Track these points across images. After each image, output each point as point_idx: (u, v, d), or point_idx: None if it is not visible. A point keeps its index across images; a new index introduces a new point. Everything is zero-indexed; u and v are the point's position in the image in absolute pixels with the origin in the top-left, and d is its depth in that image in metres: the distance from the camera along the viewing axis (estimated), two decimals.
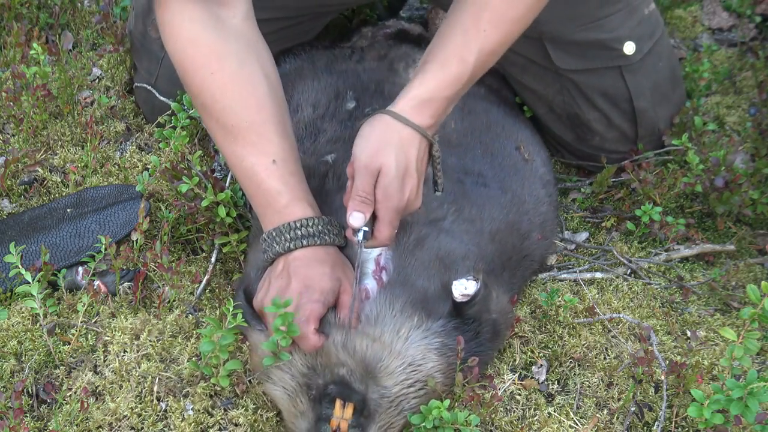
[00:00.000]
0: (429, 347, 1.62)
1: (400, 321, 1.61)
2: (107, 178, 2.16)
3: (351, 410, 1.52)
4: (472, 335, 1.68)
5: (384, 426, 1.57)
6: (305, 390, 1.58)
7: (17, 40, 2.40)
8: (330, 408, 1.52)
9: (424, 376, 1.60)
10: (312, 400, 1.56)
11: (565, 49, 2.10)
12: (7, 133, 2.28)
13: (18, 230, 1.99)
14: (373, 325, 1.61)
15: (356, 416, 1.52)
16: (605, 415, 1.72)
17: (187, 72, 1.70)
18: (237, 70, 1.69)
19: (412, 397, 1.59)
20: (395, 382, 1.58)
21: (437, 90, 1.61)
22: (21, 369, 1.73)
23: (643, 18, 2.12)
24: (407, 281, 1.67)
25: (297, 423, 1.59)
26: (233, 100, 1.68)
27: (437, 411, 1.55)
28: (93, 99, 2.37)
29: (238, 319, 1.58)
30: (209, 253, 2.01)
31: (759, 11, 2.80)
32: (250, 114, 1.68)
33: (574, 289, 2.01)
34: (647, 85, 2.16)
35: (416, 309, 1.63)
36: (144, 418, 1.65)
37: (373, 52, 2.21)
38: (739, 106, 2.51)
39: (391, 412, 1.57)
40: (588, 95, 2.15)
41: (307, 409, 1.57)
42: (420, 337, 1.62)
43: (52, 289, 1.89)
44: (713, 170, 2.13)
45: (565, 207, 2.25)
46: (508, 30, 1.63)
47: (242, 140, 1.68)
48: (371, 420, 1.55)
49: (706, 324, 1.93)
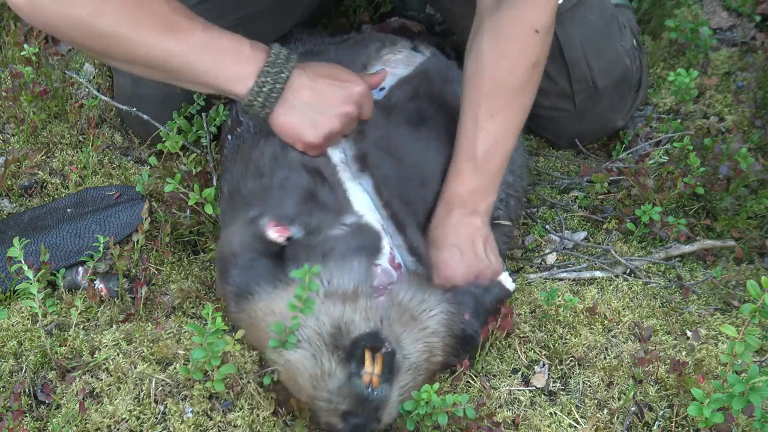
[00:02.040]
0: (442, 319, 1.70)
1: (426, 291, 1.70)
2: (107, 179, 2.16)
3: (380, 364, 1.52)
4: (472, 310, 1.76)
5: (404, 387, 1.59)
6: (333, 350, 1.56)
7: (15, 39, 2.40)
8: (360, 365, 1.52)
9: (433, 348, 1.66)
10: (340, 359, 1.55)
11: None
12: (7, 133, 2.28)
13: (18, 230, 1.99)
14: (404, 291, 1.68)
15: (385, 370, 1.53)
16: (605, 414, 1.71)
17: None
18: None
19: (423, 368, 1.64)
20: (416, 350, 1.63)
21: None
22: (20, 369, 1.73)
23: None
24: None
25: (323, 384, 1.55)
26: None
27: (427, 395, 1.56)
28: (88, 97, 2.36)
29: (218, 322, 1.56)
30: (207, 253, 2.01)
31: (759, 11, 2.80)
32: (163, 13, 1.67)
33: (574, 288, 2.01)
34: (577, 37, 2.17)
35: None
36: (143, 420, 1.65)
37: (358, 38, 2.22)
38: (739, 105, 2.51)
39: (409, 375, 1.60)
40: None
41: (336, 369, 1.55)
42: (438, 310, 1.69)
43: (52, 289, 1.89)
44: (717, 158, 2.13)
45: (565, 206, 2.24)
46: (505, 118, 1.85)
47: (175, 31, 1.66)
48: (395, 377, 1.56)
49: (706, 323, 1.93)
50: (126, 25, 1.64)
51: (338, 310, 1.59)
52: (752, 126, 2.41)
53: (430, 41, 2.30)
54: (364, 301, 1.61)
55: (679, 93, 2.37)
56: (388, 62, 2.11)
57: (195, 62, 1.68)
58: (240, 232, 1.73)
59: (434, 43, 2.30)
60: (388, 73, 1.99)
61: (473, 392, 1.75)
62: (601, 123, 2.32)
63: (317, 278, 1.60)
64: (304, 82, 1.72)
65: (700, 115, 2.51)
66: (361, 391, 1.50)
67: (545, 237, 2.16)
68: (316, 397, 1.56)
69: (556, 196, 2.29)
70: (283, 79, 1.69)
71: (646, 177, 2.14)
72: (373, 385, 1.50)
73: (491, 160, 1.85)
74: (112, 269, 1.93)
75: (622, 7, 2.45)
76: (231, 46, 1.70)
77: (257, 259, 1.69)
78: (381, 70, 1.93)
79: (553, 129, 2.35)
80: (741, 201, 2.17)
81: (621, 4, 2.45)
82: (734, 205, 2.16)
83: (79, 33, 1.66)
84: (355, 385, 1.51)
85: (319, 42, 2.23)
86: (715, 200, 2.19)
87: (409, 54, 2.16)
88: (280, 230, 1.68)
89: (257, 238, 1.69)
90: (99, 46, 1.68)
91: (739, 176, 2.12)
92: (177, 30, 1.66)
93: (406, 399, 1.60)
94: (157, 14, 1.65)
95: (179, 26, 1.67)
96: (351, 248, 1.67)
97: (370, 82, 1.85)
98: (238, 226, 1.74)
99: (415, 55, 2.17)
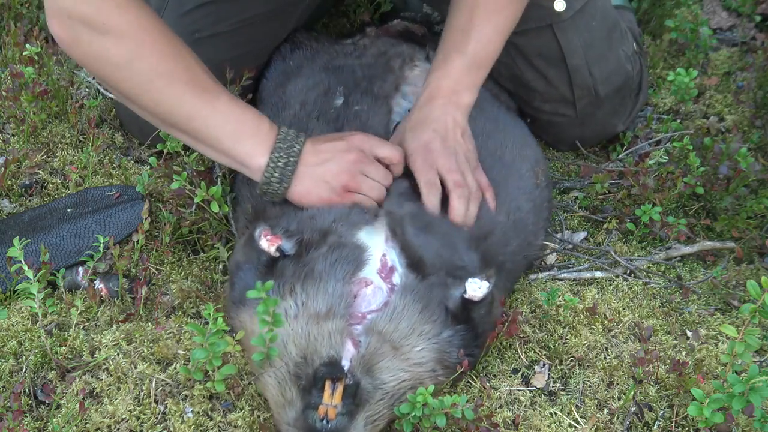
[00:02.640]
0: (432, 355, 1.65)
1: (416, 325, 1.64)
2: (107, 179, 2.16)
3: (340, 395, 1.50)
4: (472, 338, 1.70)
5: (372, 416, 1.55)
6: (294, 379, 1.56)
7: (15, 39, 2.40)
8: (319, 396, 1.50)
9: (420, 379, 1.62)
10: (301, 389, 1.55)
11: None
12: (7, 133, 2.28)
13: (18, 230, 1.99)
14: (387, 321, 1.63)
15: (347, 401, 1.50)
16: (605, 414, 1.71)
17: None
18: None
19: (405, 394, 1.60)
20: (393, 378, 1.59)
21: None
22: (20, 369, 1.73)
23: None
24: (428, 285, 1.68)
25: (284, 413, 1.56)
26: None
27: (422, 397, 1.55)
28: (89, 97, 2.36)
29: (219, 323, 1.56)
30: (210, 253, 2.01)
31: (759, 11, 2.80)
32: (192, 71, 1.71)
33: (574, 288, 2.01)
34: (579, 44, 2.17)
35: (432, 316, 1.66)
36: (143, 420, 1.65)
37: (373, 49, 2.21)
38: (739, 105, 2.51)
39: (382, 404, 1.57)
40: (525, 55, 2.19)
41: (296, 398, 1.55)
42: (427, 344, 1.64)
43: (52, 289, 1.89)
44: (717, 158, 2.13)
45: (565, 206, 2.24)
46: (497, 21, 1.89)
47: (205, 92, 1.69)
48: (361, 408, 1.54)
49: (706, 323, 1.93)
50: (161, 76, 1.67)
51: (304, 338, 1.58)
52: (752, 126, 2.42)
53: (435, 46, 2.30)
54: (332, 326, 1.59)
55: (679, 93, 2.37)
56: (407, 80, 2.10)
57: (216, 127, 1.71)
58: (244, 242, 1.77)
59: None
60: (413, 92, 2.05)
61: (473, 392, 1.75)
62: (601, 128, 2.32)
63: (291, 300, 1.61)
64: (310, 150, 1.75)
65: (700, 115, 2.51)
66: (313, 424, 1.49)
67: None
68: (278, 423, 1.58)
69: (556, 197, 2.29)
70: (296, 153, 1.73)
71: (646, 177, 2.14)
72: (329, 418, 1.48)
73: (481, 57, 1.89)
74: (112, 269, 1.93)
75: (623, 9, 2.45)
76: (253, 120, 1.74)
77: (251, 268, 1.71)
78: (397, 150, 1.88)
79: (553, 133, 2.35)
80: (741, 201, 2.17)
81: (622, 6, 2.45)
82: (734, 205, 2.16)
83: (114, 76, 1.68)
84: (309, 417, 1.50)
85: (330, 50, 2.22)
86: (715, 200, 2.19)
87: (424, 67, 2.14)
88: (271, 240, 1.67)
89: (253, 248, 1.70)
90: (129, 91, 1.70)
91: (738, 176, 2.12)
92: (207, 92, 1.70)
93: (381, 425, 1.58)
94: (191, 72, 1.69)
95: (209, 89, 1.70)
96: (327, 265, 1.66)
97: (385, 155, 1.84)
98: (247, 238, 1.77)
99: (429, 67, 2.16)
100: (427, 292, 1.67)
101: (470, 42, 1.88)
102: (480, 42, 1.88)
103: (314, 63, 2.16)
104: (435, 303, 1.67)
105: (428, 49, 2.21)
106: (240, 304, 1.70)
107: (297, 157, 1.73)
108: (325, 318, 1.60)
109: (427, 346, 1.64)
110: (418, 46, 2.23)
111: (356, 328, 1.62)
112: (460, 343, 1.68)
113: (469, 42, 1.88)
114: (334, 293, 1.63)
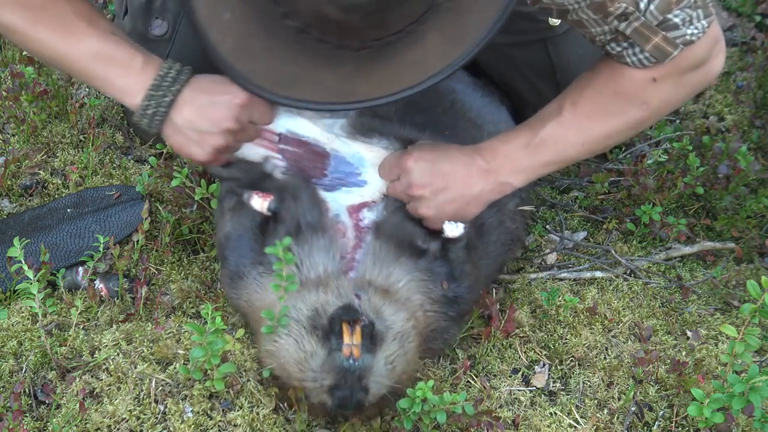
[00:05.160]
0: (417, 286, 1.72)
1: (393, 261, 1.72)
2: (108, 179, 2.16)
3: (359, 334, 1.55)
4: (449, 274, 1.76)
5: (390, 356, 1.60)
6: (312, 331, 1.59)
7: None
8: (338, 342, 1.54)
9: (415, 316, 1.68)
10: (320, 339, 1.58)
11: None
12: (7, 133, 2.28)
13: (18, 230, 1.99)
14: (371, 267, 1.70)
15: (366, 340, 1.55)
16: (605, 414, 1.71)
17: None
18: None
19: (412, 335, 1.65)
20: (397, 318, 1.64)
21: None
22: (20, 369, 1.73)
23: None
24: (398, 225, 1.75)
25: (307, 365, 1.58)
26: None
27: (422, 392, 1.56)
28: (88, 98, 2.36)
29: (218, 322, 1.57)
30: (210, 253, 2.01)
31: (759, 11, 2.80)
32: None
33: (574, 288, 2.01)
34: (571, 58, 2.17)
35: (405, 250, 1.74)
36: (143, 420, 1.65)
37: None
38: (739, 105, 2.51)
39: (395, 345, 1.61)
40: (518, 67, 2.19)
41: (317, 348, 1.58)
42: (408, 277, 1.72)
43: (52, 289, 1.89)
44: (717, 157, 2.13)
45: (565, 206, 2.24)
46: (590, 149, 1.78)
47: (70, 35, 1.68)
48: (379, 347, 1.58)
49: (706, 323, 1.93)
50: (25, 22, 1.67)
51: (312, 295, 1.63)
52: (752, 126, 2.42)
53: None
54: (335, 281, 1.66)
55: None
56: None
57: (86, 68, 1.69)
58: (230, 214, 1.79)
59: None
60: None
61: (473, 392, 1.75)
62: None
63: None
64: (186, 99, 1.69)
65: (700, 115, 2.51)
66: (342, 363, 1.52)
67: (545, 237, 2.16)
68: (303, 379, 1.59)
69: (556, 196, 2.29)
70: (167, 103, 1.68)
71: (646, 177, 2.14)
72: (354, 356, 1.53)
73: (547, 147, 1.75)
74: (112, 269, 1.94)
75: None
76: (123, 59, 1.69)
77: (243, 236, 1.74)
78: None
79: None
80: (740, 200, 2.17)
81: None
82: (734, 205, 2.16)
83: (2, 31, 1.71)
84: (336, 358, 1.53)
85: None
86: (714, 200, 2.19)
87: None
88: (263, 196, 1.72)
89: (244, 214, 1.74)
90: (13, 40, 1.72)
91: (738, 175, 2.12)
92: (73, 34, 1.68)
93: (398, 367, 1.62)
94: (58, 17, 1.68)
95: (76, 31, 1.68)
96: (310, 217, 1.72)
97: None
98: (229, 212, 1.80)
99: None
100: (397, 226, 1.74)
101: (545, 127, 1.74)
102: (554, 132, 1.73)
103: None
104: (406, 236, 1.75)
105: None
106: (238, 277, 1.72)
107: (167, 107, 1.68)
108: (326, 276, 1.67)
109: (408, 276, 1.71)
110: None
111: (350, 276, 1.71)
112: (440, 274, 1.74)
113: (544, 127, 1.74)
114: (326, 247, 1.71)
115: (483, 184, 1.73)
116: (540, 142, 1.73)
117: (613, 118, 1.73)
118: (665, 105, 1.74)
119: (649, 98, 1.71)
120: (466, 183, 1.73)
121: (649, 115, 1.74)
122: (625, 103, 1.72)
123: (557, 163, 1.77)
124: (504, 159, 1.74)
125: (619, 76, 1.69)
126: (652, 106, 1.72)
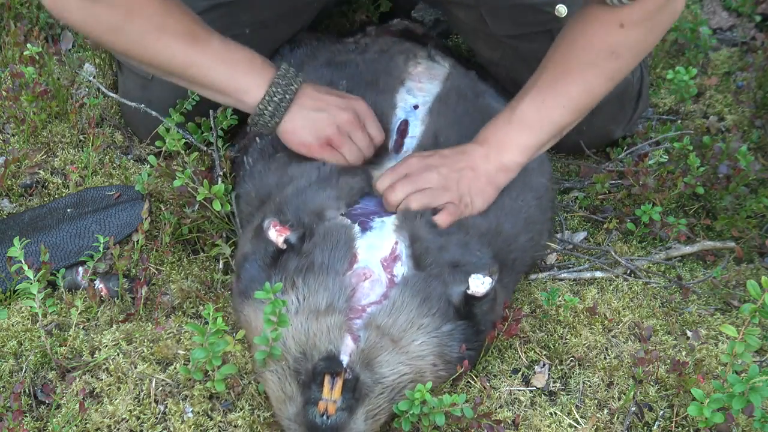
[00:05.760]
0: (432, 349, 1.65)
1: (414, 319, 1.64)
2: (108, 179, 2.16)
3: (339, 389, 1.50)
4: (473, 334, 1.70)
5: (373, 411, 1.56)
6: (294, 375, 1.56)
7: (15, 39, 2.40)
8: (319, 391, 1.51)
9: (421, 373, 1.62)
10: (301, 384, 1.55)
11: (500, 15, 2.13)
12: (7, 133, 2.28)
13: (18, 230, 1.99)
14: (386, 316, 1.63)
15: (347, 396, 1.51)
16: (605, 414, 1.71)
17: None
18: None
19: (405, 388, 1.60)
20: (393, 372, 1.59)
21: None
22: (20, 369, 1.73)
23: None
24: (427, 279, 1.68)
25: (285, 408, 1.57)
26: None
27: (420, 395, 1.55)
28: (88, 98, 2.36)
29: (219, 323, 1.56)
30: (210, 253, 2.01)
31: (760, 11, 2.80)
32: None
33: (574, 288, 2.01)
34: None
35: (431, 309, 1.66)
36: (143, 420, 1.65)
37: (375, 46, 2.21)
38: (739, 105, 2.51)
39: (382, 399, 1.57)
40: (525, 59, 2.16)
41: (296, 394, 1.55)
42: (427, 338, 1.64)
43: (52, 289, 1.89)
44: (717, 157, 2.13)
45: (565, 206, 2.24)
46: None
47: (195, 41, 1.77)
48: (361, 403, 1.54)
49: (706, 323, 1.93)
50: (152, 32, 1.74)
51: (304, 333, 1.59)
52: (752, 126, 2.42)
53: (437, 44, 2.30)
54: (331, 321, 1.60)
55: (679, 91, 2.37)
56: (411, 76, 2.09)
57: (211, 71, 1.79)
58: (251, 234, 1.78)
59: (440, 46, 2.29)
60: (419, 88, 2.06)
61: (473, 392, 1.75)
62: (599, 134, 2.30)
63: (293, 295, 1.63)
64: (309, 93, 1.84)
65: (700, 115, 2.51)
66: (314, 419, 1.49)
67: None
68: (280, 419, 1.59)
69: (557, 197, 2.29)
70: (293, 91, 1.81)
71: (647, 177, 2.13)
72: (328, 413, 1.49)
73: (529, 117, 1.82)
74: (112, 269, 1.93)
75: None
76: (245, 59, 1.82)
77: (257, 260, 1.72)
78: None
79: None
80: (741, 200, 2.17)
81: None
82: (734, 205, 2.16)
83: (107, 38, 1.76)
84: (309, 412, 1.50)
85: (332, 48, 2.22)
86: (714, 200, 2.19)
87: (428, 64, 2.14)
88: (279, 230, 1.69)
89: (261, 239, 1.71)
90: (124, 48, 1.79)
91: (738, 175, 2.12)
92: (198, 40, 1.78)
93: (382, 419, 1.59)
94: (181, 24, 1.76)
95: (200, 37, 1.78)
96: (327, 257, 1.67)
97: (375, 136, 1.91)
98: (251, 232, 1.79)
99: (433, 65, 2.14)
100: (426, 285, 1.67)
101: (524, 101, 1.82)
102: (533, 103, 1.82)
103: (315, 60, 2.16)
104: (435, 296, 1.67)
105: (429, 48, 2.21)
106: (245, 296, 1.71)
107: (293, 95, 1.81)
108: (325, 313, 1.61)
109: (427, 339, 1.65)
110: (419, 45, 2.23)
111: (356, 322, 1.62)
112: (461, 338, 1.68)
113: (523, 99, 1.83)
114: (333, 287, 1.63)
115: (487, 166, 1.81)
116: (521, 114, 1.82)
117: (586, 73, 1.80)
118: (636, 50, 1.82)
119: (619, 46, 1.77)
120: (470, 164, 1.81)
121: (622, 63, 1.81)
122: (595, 55, 1.78)
123: (547, 131, 1.84)
124: (496, 141, 1.83)
125: (588, 27, 1.76)
126: (623, 54, 1.78)
